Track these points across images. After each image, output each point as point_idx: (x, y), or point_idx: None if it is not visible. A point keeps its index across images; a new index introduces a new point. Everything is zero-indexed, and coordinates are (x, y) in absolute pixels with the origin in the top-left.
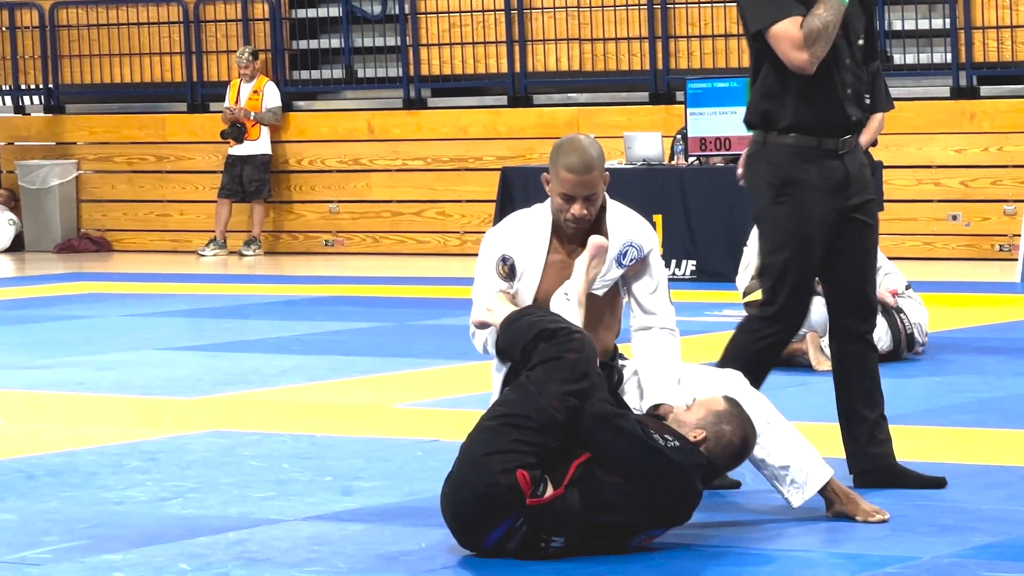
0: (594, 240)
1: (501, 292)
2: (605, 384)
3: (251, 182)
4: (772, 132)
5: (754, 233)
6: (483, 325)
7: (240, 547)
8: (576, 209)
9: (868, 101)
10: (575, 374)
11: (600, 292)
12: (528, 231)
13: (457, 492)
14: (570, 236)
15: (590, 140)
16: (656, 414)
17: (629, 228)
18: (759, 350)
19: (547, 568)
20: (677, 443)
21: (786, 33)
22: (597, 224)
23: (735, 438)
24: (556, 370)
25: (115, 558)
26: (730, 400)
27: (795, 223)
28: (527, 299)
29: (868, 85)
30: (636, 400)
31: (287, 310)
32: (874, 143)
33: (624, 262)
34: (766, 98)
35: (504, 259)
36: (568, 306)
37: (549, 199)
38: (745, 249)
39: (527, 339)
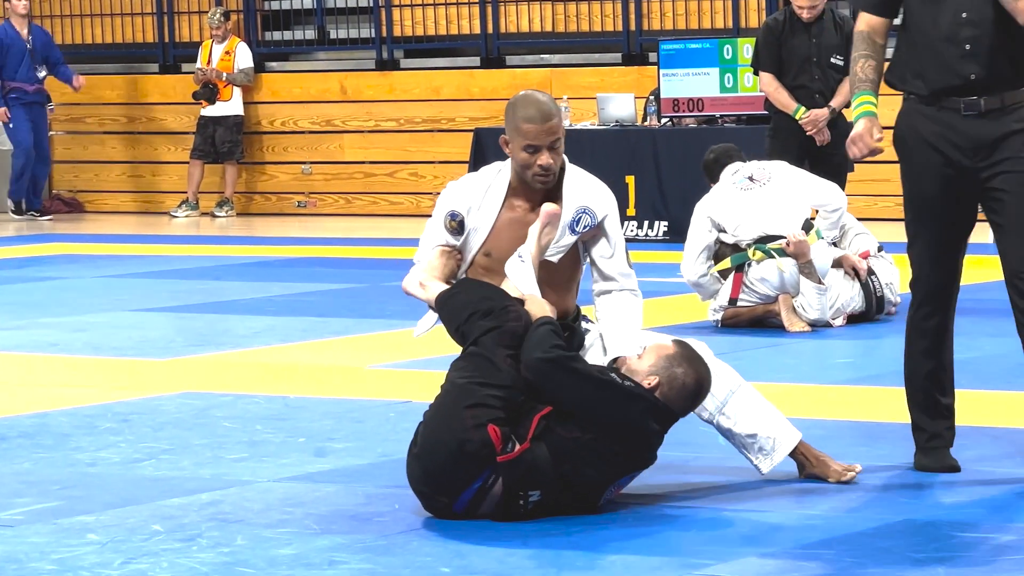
0: (546, 208)
1: (441, 250)
2: (554, 335)
3: (223, 143)
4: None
5: (698, 208)
6: (411, 295)
7: (213, 508)
8: (543, 159)
9: (840, 63)
10: (516, 340)
11: (555, 258)
12: (484, 187)
13: (429, 454)
14: (527, 195)
15: (543, 93)
16: (614, 368)
17: (584, 194)
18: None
19: (521, 528)
20: (631, 383)
21: None
22: (555, 188)
23: (688, 379)
24: (499, 337)
25: (88, 519)
26: (679, 343)
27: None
28: (470, 254)
29: (842, 48)
30: (600, 361)
31: (260, 271)
32: (847, 104)
33: (577, 229)
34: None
35: (453, 215)
36: (523, 268)
37: (510, 160)
38: (693, 226)
39: (460, 321)
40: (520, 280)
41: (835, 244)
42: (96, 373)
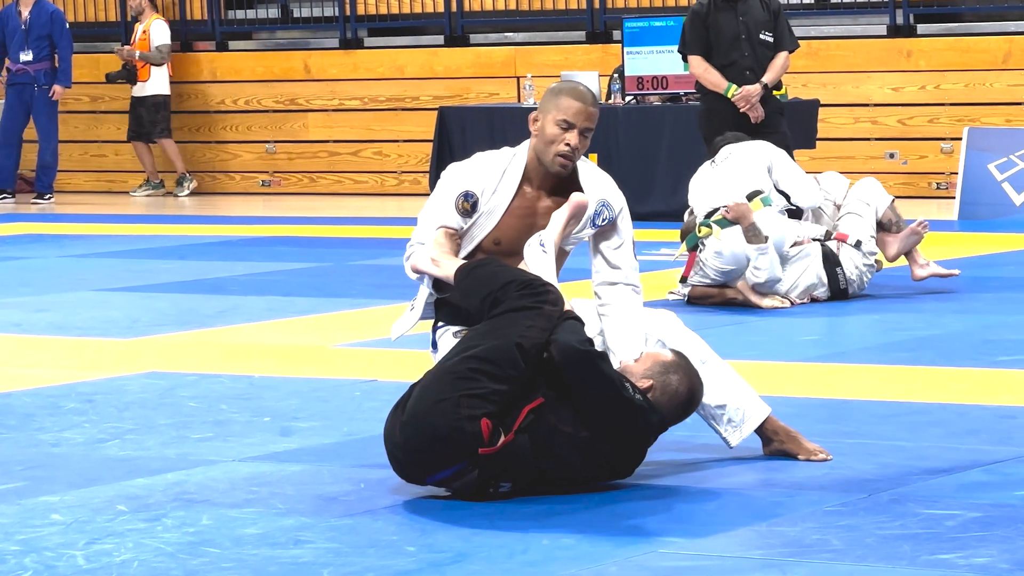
0: (577, 197)
1: (444, 232)
2: (583, 329)
3: (149, 123)
4: None
5: (697, 176)
6: (422, 273)
7: (178, 488)
8: (572, 137)
9: (770, 39)
10: (549, 324)
11: (568, 248)
12: (497, 171)
13: (415, 427)
14: (540, 182)
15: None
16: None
17: (603, 187)
18: None
19: (488, 508)
20: (641, 397)
21: None
22: (572, 181)
23: (682, 387)
24: (534, 319)
25: (52, 500)
26: (677, 352)
27: None
28: (477, 239)
29: (770, 23)
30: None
31: (224, 251)
32: (779, 85)
33: (598, 223)
34: None
35: (468, 195)
36: (544, 258)
37: (525, 143)
38: (690, 196)
39: (493, 287)
40: (539, 268)
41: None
42: (60, 353)
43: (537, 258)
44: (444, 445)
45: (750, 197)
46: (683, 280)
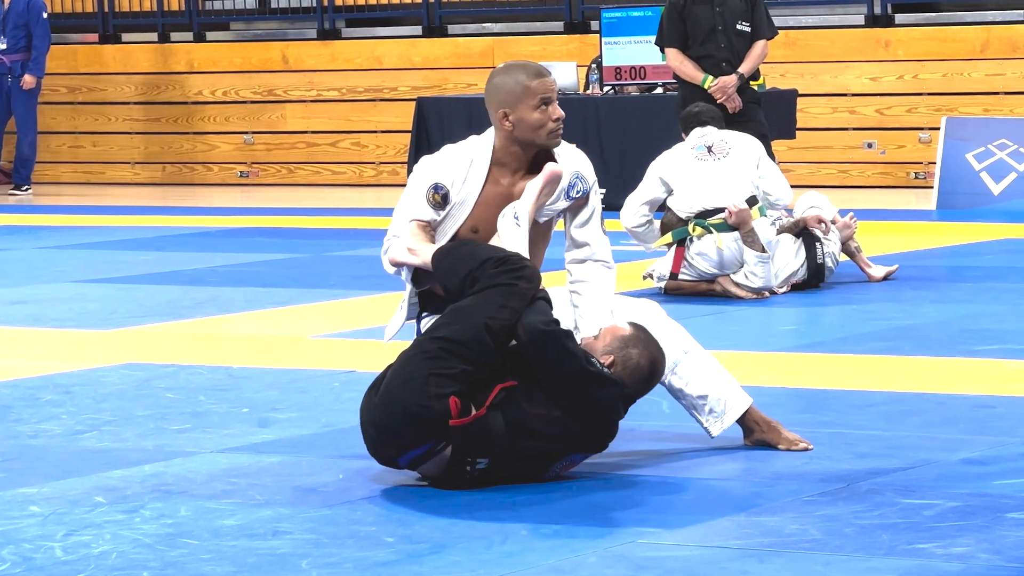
0: (552, 167)
1: (417, 224)
2: (549, 308)
3: None
4: None
5: (654, 165)
6: (401, 265)
7: (156, 480)
8: (556, 111)
9: (747, 29)
10: (524, 303)
11: (543, 220)
12: (465, 161)
13: (386, 407)
14: (512, 167)
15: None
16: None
17: (576, 161)
18: None
19: (466, 498)
20: (608, 370)
21: None
22: (546, 157)
23: (643, 360)
24: (507, 296)
25: (30, 491)
26: (635, 325)
27: None
28: (451, 230)
29: (747, 13)
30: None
31: (202, 241)
32: (756, 75)
33: (572, 194)
34: None
35: (437, 187)
36: (518, 231)
37: (489, 131)
38: (644, 181)
39: (472, 266)
40: (512, 239)
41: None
42: (37, 345)
43: (510, 230)
44: (414, 423)
45: (751, 202)
46: (673, 276)
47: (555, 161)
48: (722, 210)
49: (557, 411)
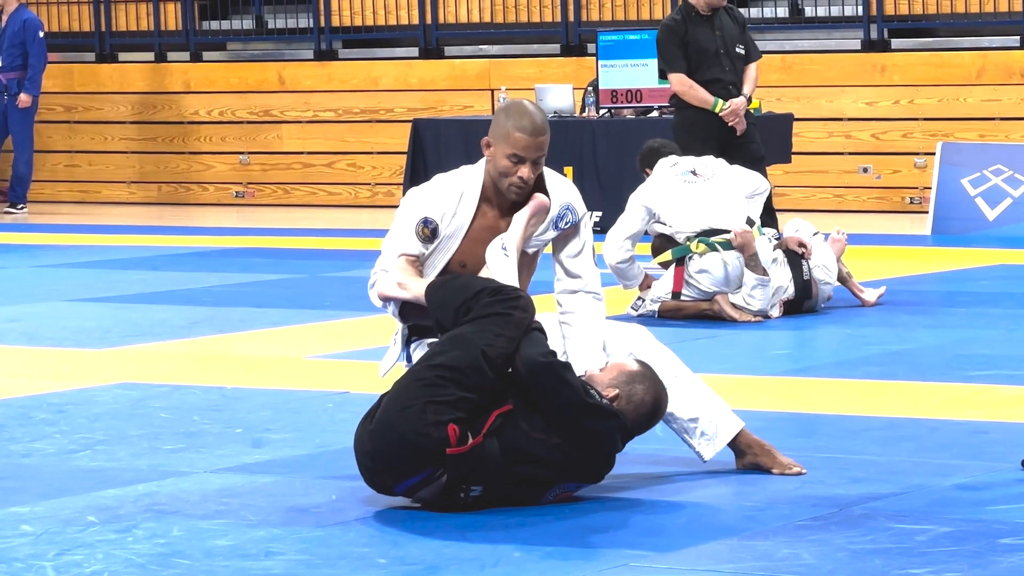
0: (538, 198)
1: (406, 259)
2: (545, 339)
3: None
4: None
5: (635, 197)
6: (390, 300)
7: (149, 499)
8: (525, 171)
9: (743, 52)
10: (520, 332)
11: (531, 251)
12: (455, 194)
13: (383, 435)
14: (500, 202)
15: (535, 105)
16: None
17: (566, 192)
18: None
19: (460, 520)
20: (607, 403)
21: None
22: (535, 188)
23: (647, 397)
24: (503, 325)
25: (22, 510)
26: (641, 362)
27: None
28: (440, 264)
29: (742, 36)
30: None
31: (197, 261)
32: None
33: (561, 225)
34: None
35: (427, 221)
36: (507, 262)
37: (481, 163)
38: (626, 213)
39: (466, 297)
40: (501, 271)
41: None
42: (31, 363)
43: (499, 261)
44: (411, 451)
45: (748, 223)
46: (675, 295)
47: (545, 191)
48: (722, 231)
49: (555, 437)
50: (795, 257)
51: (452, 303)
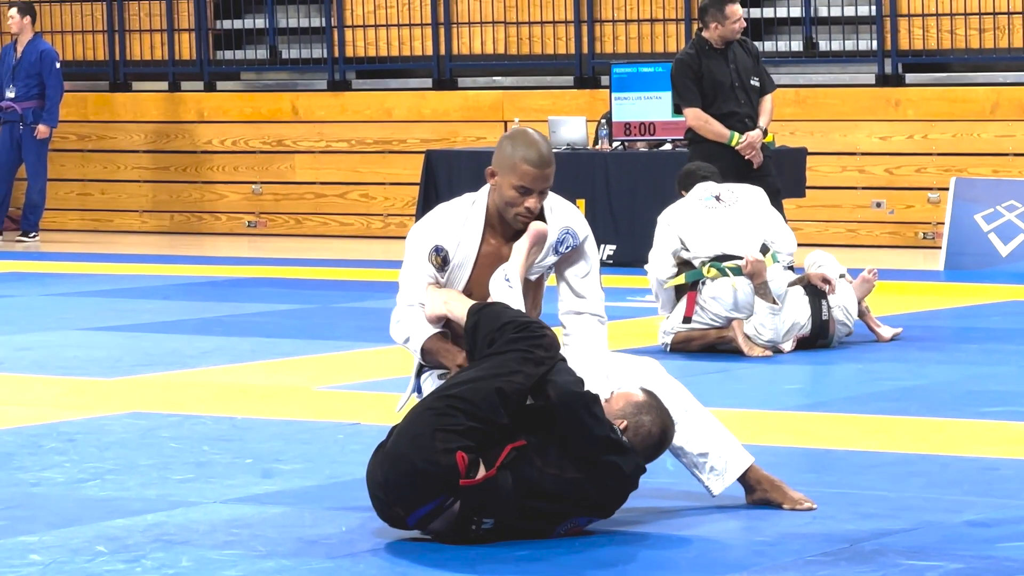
0: (536, 226)
1: (434, 286)
2: (574, 372)
3: None
4: None
5: (663, 217)
6: (438, 319)
7: (158, 529)
8: (532, 202)
9: (757, 84)
10: (539, 370)
11: (533, 277)
12: (459, 222)
13: (393, 465)
14: (502, 229)
15: (540, 134)
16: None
17: (566, 216)
18: None
19: (469, 553)
20: (625, 440)
21: None
22: (537, 216)
23: (654, 428)
24: (523, 362)
25: (31, 540)
26: (648, 392)
27: None
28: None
29: (756, 68)
30: None
31: (209, 291)
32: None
33: (561, 249)
34: None
35: (438, 249)
36: (511, 292)
37: (484, 190)
38: (659, 233)
39: (493, 327)
40: (506, 301)
41: (791, 268)
42: (42, 392)
43: (503, 292)
44: (422, 479)
45: (763, 250)
46: (686, 320)
47: (542, 218)
48: (735, 257)
49: (571, 472)
50: (816, 294)
51: (483, 329)
